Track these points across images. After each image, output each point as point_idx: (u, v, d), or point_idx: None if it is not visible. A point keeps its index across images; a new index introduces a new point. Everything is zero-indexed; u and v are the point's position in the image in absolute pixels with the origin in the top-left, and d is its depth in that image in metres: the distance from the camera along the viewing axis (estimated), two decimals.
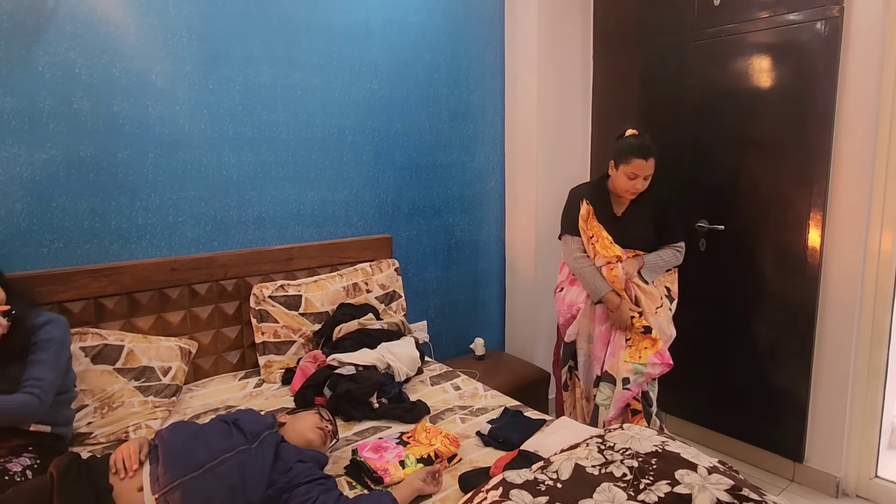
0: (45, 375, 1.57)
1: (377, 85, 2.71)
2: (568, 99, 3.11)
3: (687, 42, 2.67)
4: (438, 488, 1.54)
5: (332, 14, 2.54)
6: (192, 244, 2.30)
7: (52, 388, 1.59)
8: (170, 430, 1.53)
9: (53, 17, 1.94)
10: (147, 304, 2.15)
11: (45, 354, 1.60)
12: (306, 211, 2.57)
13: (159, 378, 2.00)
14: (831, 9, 2.19)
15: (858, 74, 2.17)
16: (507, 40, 3.13)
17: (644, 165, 2.21)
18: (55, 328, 1.66)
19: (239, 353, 2.38)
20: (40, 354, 1.60)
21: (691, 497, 1.18)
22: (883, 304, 2.25)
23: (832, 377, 2.35)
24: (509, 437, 1.78)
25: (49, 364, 1.60)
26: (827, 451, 2.40)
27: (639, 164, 2.21)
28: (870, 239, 2.24)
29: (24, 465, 1.48)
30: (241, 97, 2.34)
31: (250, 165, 2.40)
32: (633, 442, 1.39)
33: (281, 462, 1.47)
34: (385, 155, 2.78)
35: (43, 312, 1.72)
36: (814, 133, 2.28)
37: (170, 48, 2.16)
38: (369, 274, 2.63)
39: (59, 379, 1.63)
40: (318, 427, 1.64)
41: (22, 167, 1.93)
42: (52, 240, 2.01)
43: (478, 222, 3.19)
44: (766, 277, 2.49)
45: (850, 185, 2.24)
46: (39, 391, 1.53)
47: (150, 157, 2.17)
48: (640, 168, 2.22)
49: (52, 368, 1.60)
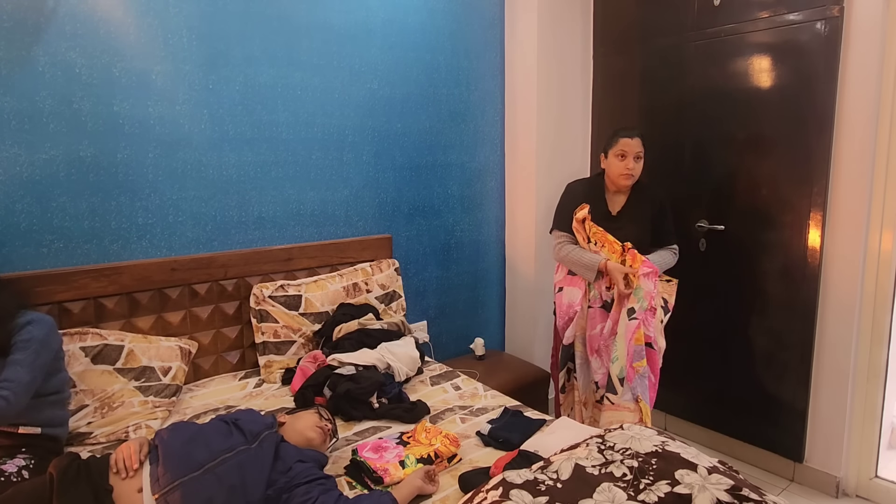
0: (18, 377, 1.53)
1: (377, 85, 2.71)
2: (568, 99, 3.11)
3: (687, 42, 2.67)
4: (437, 488, 1.54)
5: (332, 14, 2.54)
6: (192, 244, 2.29)
7: (26, 389, 1.55)
8: (169, 430, 1.53)
9: (53, 17, 1.94)
10: (147, 304, 2.15)
11: (22, 355, 1.57)
12: (306, 211, 2.57)
13: (159, 378, 2.00)
14: (831, 9, 2.19)
15: (858, 74, 2.17)
16: (507, 40, 3.13)
17: (630, 143, 2.28)
18: (36, 328, 1.63)
19: (239, 353, 2.38)
20: (17, 354, 1.56)
21: (691, 497, 1.18)
22: (883, 304, 2.25)
23: (832, 377, 2.35)
24: (509, 437, 1.78)
25: (25, 365, 1.56)
26: (827, 451, 2.40)
27: (625, 141, 2.28)
28: (870, 239, 2.24)
29: (19, 465, 1.47)
30: (241, 97, 2.34)
31: (250, 165, 2.40)
32: (633, 442, 1.39)
33: (281, 462, 1.47)
34: (385, 155, 2.78)
35: (29, 312, 1.68)
36: (814, 133, 2.28)
37: (170, 48, 2.16)
38: (369, 274, 2.63)
39: (36, 380, 1.59)
40: (318, 426, 1.64)
41: (22, 167, 1.93)
42: (52, 240, 2.01)
43: (478, 222, 3.19)
44: (766, 277, 2.49)
45: (850, 185, 2.24)
46: (9, 392, 1.49)
47: (150, 157, 2.17)
48: (627, 145, 2.28)
49: (28, 370, 1.56)
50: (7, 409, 1.49)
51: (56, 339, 1.71)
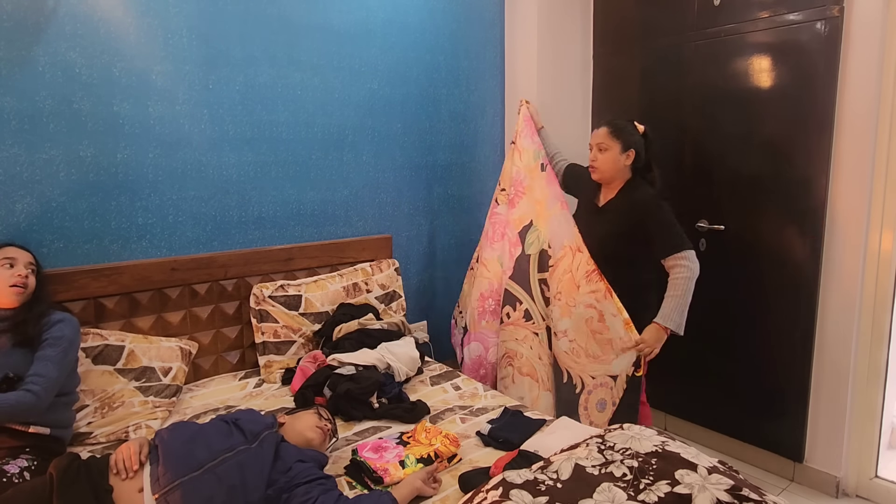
0: (49, 373, 1.58)
1: (377, 85, 2.71)
2: (568, 99, 3.11)
3: (687, 42, 2.67)
4: (438, 488, 1.54)
5: (332, 14, 2.54)
6: (192, 244, 2.29)
7: (54, 386, 1.59)
8: (170, 430, 1.53)
9: (53, 17, 1.94)
10: (147, 304, 2.15)
11: (53, 351, 1.61)
12: (306, 211, 2.57)
13: (160, 378, 2.00)
14: (831, 9, 2.19)
15: (858, 74, 2.17)
16: (507, 40, 3.13)
17: (594, 133, 2.27)
18: (67, 327, 1.68)
19: (239, 353, 2.38)
20: (48, 350, 1.61)
21: (691, 497, 1.18)
22: (883, 304, 2.25)
23: (832, 377, 2.35)
24: (509, 437, 1.78)
25: (55, 362, 1.60)
26: (827, 451, 2.40)
27: (593, 133, 2.28)
28: (870, 239, 2.24)
29: (21, 466, 1.47)
30: (241, 97, 2.34)
31: (250, 165, 2.40)
32: (633, 442, 1.39)
33: (281, 462, 1.47)
34: (385, 155, 2.78)
35: (58, 311, 1.74)
36: (814, 133, 2.28)
37: (170, 48, 2.16)
38: (369, 274, 2.63)
39: (62, 378, 1.64)
40: (318, 426, 1.64)
41: (22, 167, 1.93)
42: (52, 240, 2.01)
43: (478, 222, 3.19)
44: (766, 277, 2.49)
45: (850, 185, 2.24)
46: (39, 388, 1.53)
47: (150, 157, 2.17)
48: (592, 136, 2.28)
49: (58, 366, 1.61)
50: (36, 404, 1.52)
51: (79, 340, 1.77)
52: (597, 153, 2.23)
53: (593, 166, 2.25)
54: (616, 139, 2.21)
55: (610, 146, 2.21)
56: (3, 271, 1.64)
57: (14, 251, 1.70)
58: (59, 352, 1.62)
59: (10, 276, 1.64)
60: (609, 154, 2.21)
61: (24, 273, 1.66)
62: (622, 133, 2.21)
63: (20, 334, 1.62)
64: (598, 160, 2.23)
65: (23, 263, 1.69)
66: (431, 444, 1.69)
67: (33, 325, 1.64)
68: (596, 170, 2.25)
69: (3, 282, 1.63)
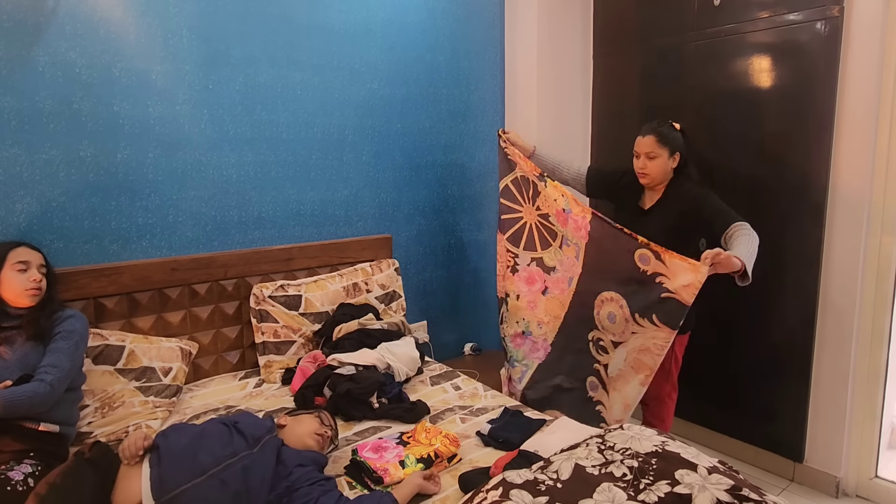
0: (62, 363, 1.62)
1: (377, 85, 2.71)
2: (568, 99, 3.11)
3: (687, 42, 2.67)
4: (438, 489, 1.54)
5: (332, 14, 2.54)
6: (192, 244, 2.29)
7: (66, 377, 1.63)
8: (170, 433, 1.51)
9: (53, 17, 1.94)
10: (147, 304, 2.15)
11: (66, 343, 1.66)
12: (306, 211, 2.57)
13: (160, 378, 2.00)
14: (831, 9, 2.19)
15: (858, 74, 2.17)
16: (507, 40, 3.13)
17: (641, 141, 2.24)
18: (78, 322, 1.74)
19: (239, 353, 2.38)
20: (61, 343, 1.66)
21: (691, 497, 1.18)
22: (883, 304, 2.25)
23: (832, 377, 2.35)
24: (509, 437, 1.78)
25: (68, 353, 1.65)
26: (827, 451, 2.40)
27: (638, 140, 2.26)
28: (870, 239, 2.24)
29: (25, 472, 1.46)
30: (241, 97, 2.34)
31: (250, 165, 2.40)
32: (633, 442, 1.39)
33: (282, 466, 1.46)
34: (385, 155, 2.78)
35: (68, 308, 1.79)
36: (814, 133, 2.28)
37: (170, 48, 2.16)
38: (369, 274, 2.63)
39: (73, 371, 1.68)
40: (318, 433, 1.64)
41: (22, 167, 1.93)
42: (52, 240, 2.01)
43: (478, 222, 3.19)
44: (765, 277, 2.48)
45: (850, 184, 2.24)
46: (53, 378, 1.57)
47: (150, 157, 2.17)
48: (639, 144, 2.25)
49: (70, 358, 1.65)
50: (50, 393, 1.56)
51: (88, 336, 1.82)
52: (646, 161, 2.24)
53: (644, 173, 2.27)
54: (664, 146, 2.23)
55: (659, 154, 2.23)
56: (19, 276, 1.68)
57: (27, 253, 1.72)
58: (71, 344, 1.67)
59: (26, 281, 1.68)
60: (658, 161, 2.24)
61: (38, 278, 1.70)
62: (668, 140, 2.24)
63: (34, 328, 1.67)
64: (647, 167, 2.25)
65: (35, 267, 1.72)
66: (431, 444, 1.69)
67: (46, 319, 1.69)
68: (646, 176, 2.27)
69: (19, 286, 1.67)
